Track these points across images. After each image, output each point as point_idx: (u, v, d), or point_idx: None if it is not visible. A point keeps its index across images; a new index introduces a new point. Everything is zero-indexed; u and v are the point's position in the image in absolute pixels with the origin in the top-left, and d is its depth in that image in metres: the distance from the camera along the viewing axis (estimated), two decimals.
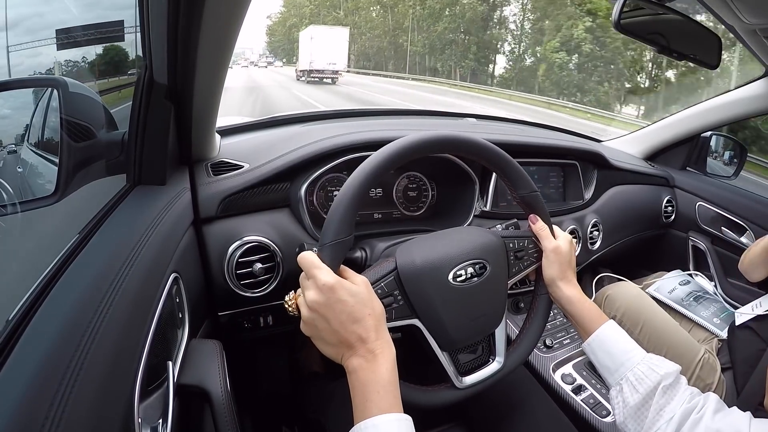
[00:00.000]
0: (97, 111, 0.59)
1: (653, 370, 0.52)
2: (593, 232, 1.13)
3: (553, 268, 0.60)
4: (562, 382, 0.83)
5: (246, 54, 58.82)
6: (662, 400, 0.50)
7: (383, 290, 0.50)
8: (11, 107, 0.65)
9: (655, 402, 0.50)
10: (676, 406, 0.49)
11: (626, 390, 0.52)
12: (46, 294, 0.36)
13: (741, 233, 1.28)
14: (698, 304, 1.14)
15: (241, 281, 0.70)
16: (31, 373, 0.28)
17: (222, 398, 0.48)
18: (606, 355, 0.56)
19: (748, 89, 1.20)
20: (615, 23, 0.82)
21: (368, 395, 0.41)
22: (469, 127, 1.23)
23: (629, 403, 0.51)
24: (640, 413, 0.51)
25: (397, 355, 0.45)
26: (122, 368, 0.36)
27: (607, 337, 0.56)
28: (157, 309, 0.45)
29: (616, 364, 0.54)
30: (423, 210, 0.95)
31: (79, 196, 0.55)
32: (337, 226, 0.47)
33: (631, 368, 0.53)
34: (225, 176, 0.73)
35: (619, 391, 0.53)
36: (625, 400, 0.52)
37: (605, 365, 0.56)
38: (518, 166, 0.59)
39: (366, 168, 0.49)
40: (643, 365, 0.53)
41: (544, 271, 0.61)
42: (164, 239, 0.52)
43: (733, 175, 1.40)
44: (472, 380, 0.56)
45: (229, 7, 0.47)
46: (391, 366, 0.44)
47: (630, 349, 0.55)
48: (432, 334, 0.53)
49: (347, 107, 1.63)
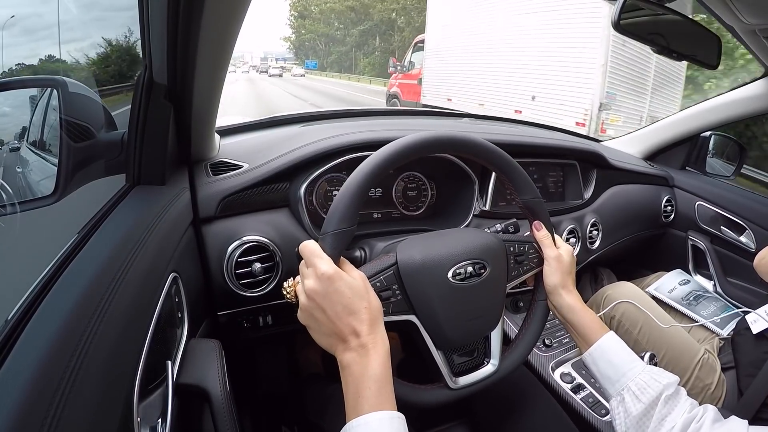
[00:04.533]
0: (96, 111, 0.59)
1: (655, 380, 0.52)
2: (592, 232, 1.13)
3: (555, 276, 0.60)
4: (561, 381, 0.83)
5: (245, 57, 52.78)
6: (664, 410, 0.50)
7: (382, 283, 0.50)
8: (11, 106, 0.65)
9: (657, 411, 0.50)
10: (677, 416, 0.49)
11: (628, 400, 0.52)
12: (45, 294, 0.35)
13: (740, 233, 1.28)
14: (698, 303, 1.14)
15: (241, 281, 0.71)
16: (30, 372, 0.28)
17: (221, 398, 0.48)
18: (608, 365, 0.55)
19: (748, 89, 1.20)
20: (615, 23, 0.82)
21: (360, 391, 0.41)
22: (467, 126, 1.23)
23: (632, 412, 0.51)
24: (642, 423, 0.50)
25: (396, 355, 0.45)
26: (121, 368, 0.36)
27: (608, 347, 0.56)
28: (156, 308, 0.45)
29: (618, 374, 0.54)
30: (422, 210, 0.95)
31: (78, 196, 0.55)
32: (339, 217, 0.47)
33: (633, 378, 0.53)
34: (224, 176, 0.73)
35: (621, 401, 0.53)
36: (627, 410, 0.52)
37: (607, 375, 0.55)
38: (522, 170, 0.59)
39: (373, 161, 0.49)
40: (645, 375, 0.53)
41: (546, 279, 0.61)
42: (163, 239, 0.52)
43: (732, 174, 1.40)
44: (465, 381, 0.56)
45: (229, 7, 0.47)
46: (384, 361, 0.43)
47: (632, 360, 0.55)
48: (428, 331, 0.53)
49: (347, 107, 1.62)
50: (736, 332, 0.97)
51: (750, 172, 2.06)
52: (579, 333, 0.59)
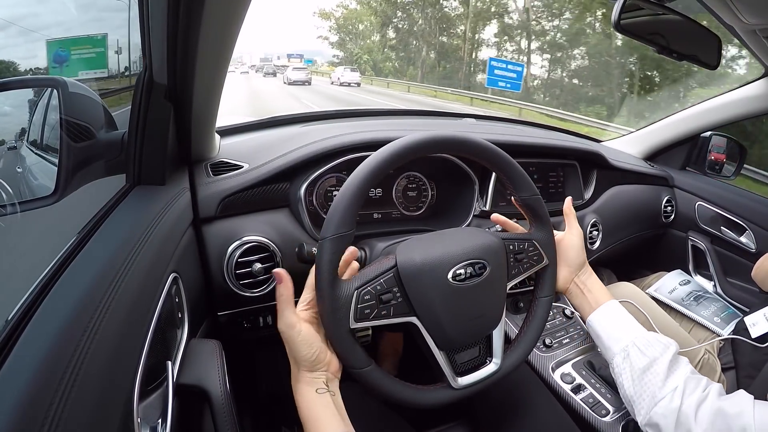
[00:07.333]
0: (96, 111, 0.59)
1: (658, 340, 0.57)
2: (593, 232, 1.13)
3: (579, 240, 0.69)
4: (561, 381, 0.83)
5: (243, 59, 47.78)
6: (667, 371, 0.53)
7: (382, 286, 0.50)
8: (11, 106, 0.65)
9: (660, 369, 0.53)
10: (679, 378, 0.52)
11: (633, 354, 0.56)
12: (46, 294, 0.35)
13: (741, 233, 1.28)
14: (698, 303, 1.14)
15: (241, 281, 0.71)
16: (31, 372, 0.28)
17: (221, 398, 0.48)
18: (614, 325, 0.61)
19: (748, 89, 1.20)
20: (615, 23, 0.82)
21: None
22: (468, 127, 1.23)
23: (637, 365, 0.55)
24: (646, 379, 0.54)
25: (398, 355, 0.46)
26: (122, 368, 0.36)
27: (616, 310, 0.62)
28: (156, 309, 0.45)
29: (623, 333, 0.59)
30: (422, 210, 0.95)
31: (78, 196, 0.55)
32: (338, 221, 0.47)
33: (638, 337, 0.58)
34: (224, 176, 0.73)
35: (626, 356, 0.57)
36: (632, 364, 0.55)
37: (612, 334, 0.60)
38: (520, 168, 0.59)
39: (372, 162, 0.49)
40: (649, 335, 0.58)
41: (572, 241, 0.68)
42: (164, 239, 0.52)
43: (732, 174, 1.39)
44: (468, 381, 0.56)
45: (229, 7, 0.47)
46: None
47: (636, 325, 0.60)
48: (429, 332, 0.53)
49: (347, 107, 1.62)
50: (735, 333, 0.97)
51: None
52: (590, 298, 0.64)
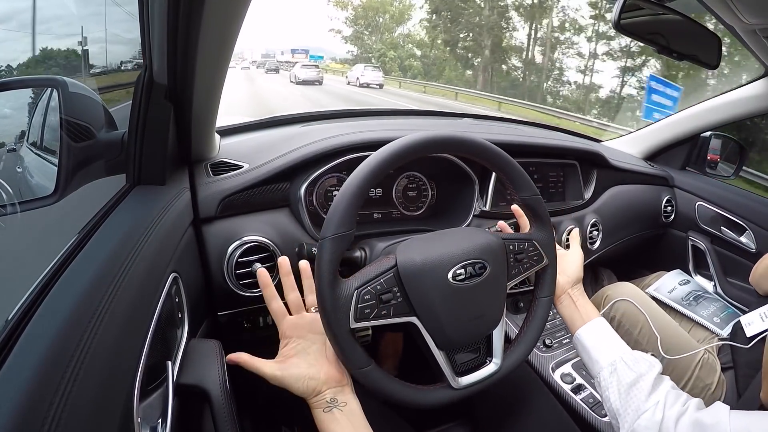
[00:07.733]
0: (96, 111, 0.59)
1: (644, 358, 0.59)
2: (593, 232, 1.13)
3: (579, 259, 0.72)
4: (561, 381, 0.83)
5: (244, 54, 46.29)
6: (651, 387, 0.55)
7: (382, 286, 0.50)
8: (11, 107, 0.65)
9: (645, 385, 0.55)
10: (661, 393, 0.55)
11: (621, 369, 0.58)
12: (46, 294, 0.35)
13: (741, 233, 1.28)
14: (698, 303, 1.14)
15: (241, 281, 0.71)
16: (31, 372, 0.28)
17: (221, 398, 0.48)
18: (602, 341, 0.62)
19: (748, 89, 1.20)
20: (615, 23, 0.82)
21: None
22: (467, 126, 1.23)
23: (624, 380, 0.56)
24: (631, 394, 0.55)
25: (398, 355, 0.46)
26: (122, 368, 0.36)
27: (604, 326, 0.64)
28: (156, 309, 0.45)
29: (611, 348, 0.61)
30: (422, 210, 0.95)
31: (78, 196, 0.55)
32: (338, 221, 0.47)
33: (625, 353, 0.60)
34: (225, 176, 0.73)
35: (613, 371, 0.58)
36: (620, 379, 0.57)
37: (601, 349, 0.61)
38: (520, 168, 0.59)
39: (372, 162, 0.49)
40: (635, 352, 0.60)
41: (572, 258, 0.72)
42: (164, 239, 0.52)
43: (732, 174, 1.40)
44: (468, 381, 0.56)
45: (229, 7, 0.47)
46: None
47: (623, 343, 0.62)
48: (430, 332, 0.53)
49: (347, 107, 1.62)
50: (734, 333, 0.98)
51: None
52: (582, 311, 0.66)
